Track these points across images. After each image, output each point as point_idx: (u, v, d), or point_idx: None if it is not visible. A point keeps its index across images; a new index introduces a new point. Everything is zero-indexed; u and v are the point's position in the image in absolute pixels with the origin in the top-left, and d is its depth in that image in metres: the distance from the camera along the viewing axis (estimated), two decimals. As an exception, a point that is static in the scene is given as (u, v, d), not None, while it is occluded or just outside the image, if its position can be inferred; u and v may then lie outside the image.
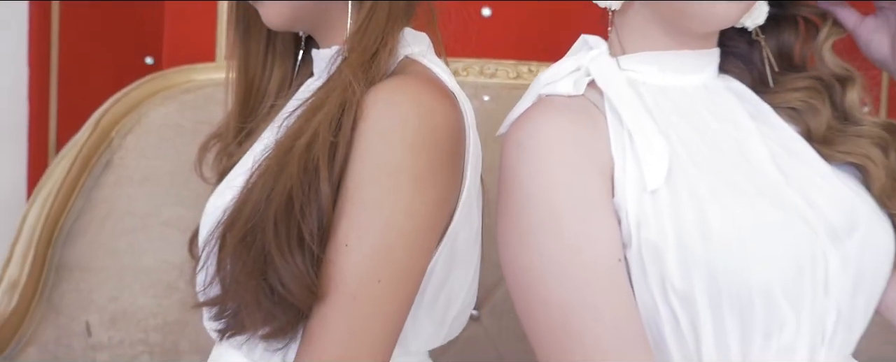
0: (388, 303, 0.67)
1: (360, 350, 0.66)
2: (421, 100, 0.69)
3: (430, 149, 0.69)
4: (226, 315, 0.68)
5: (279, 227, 0.65)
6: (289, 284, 0.65)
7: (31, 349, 1.11)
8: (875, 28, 0.77)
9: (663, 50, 0.74)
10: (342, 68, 0.72)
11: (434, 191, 0.69)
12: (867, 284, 0.71)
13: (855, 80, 0.77)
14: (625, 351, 0.66)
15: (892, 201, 0.73)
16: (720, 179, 0.70)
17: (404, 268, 0.68)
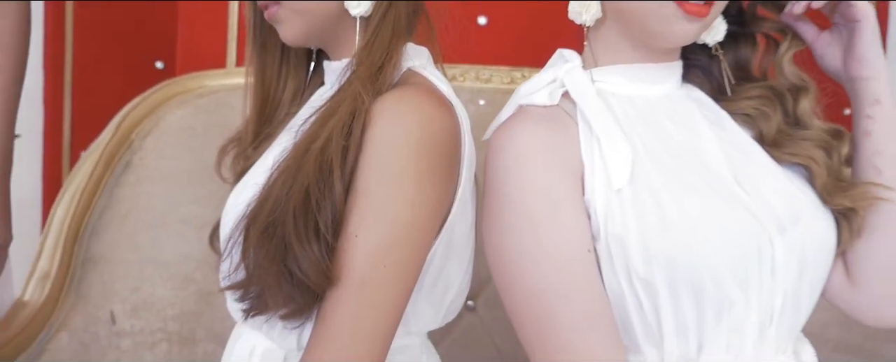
0: (392, 288, 0.75)
1: (368, 328, 0.74)
2: (422, 110, 0.77)
3: (430, 153, 0.77)
4: (250, 297, 0.77)
5: (298, 220, 0.73)
6: (306, 269, 0.73)
7: (61, 334, 1.18)
8: (829, 42, 0.86)
9: (631, 63, 0.82)
10: (352, 80, 0.80)
11: (433, 189, 0.78)
12: (811, 270, 0.80)
13: (809, 90, 0.85)
14: (595, 332, 0.75)
15: (832, 197, 0.81)
16: (677, 179, 0.78)
17: (406, 257, 0.76)
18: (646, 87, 0.83)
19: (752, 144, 0.84)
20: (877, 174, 0.82)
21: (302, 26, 0.84)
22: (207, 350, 1.28)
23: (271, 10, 0.83)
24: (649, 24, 0.78)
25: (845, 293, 0.84)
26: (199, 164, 1.34)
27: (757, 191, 0.79)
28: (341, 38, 0.86)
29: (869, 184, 0.81)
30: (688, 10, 0.75)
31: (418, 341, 0.87)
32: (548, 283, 0.75)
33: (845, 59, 0.84)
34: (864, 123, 0.82)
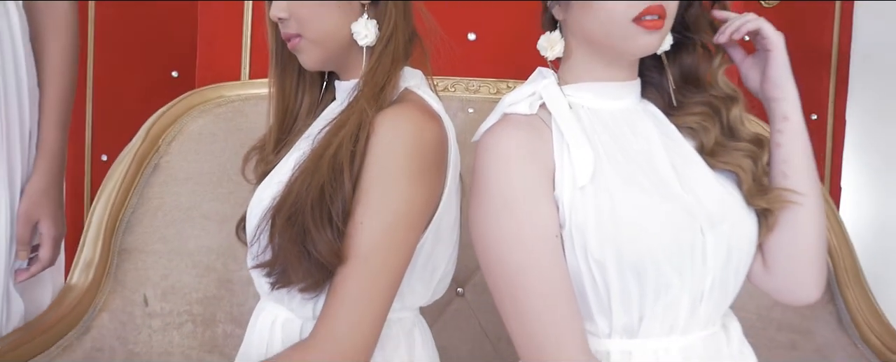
0: (390, 266, 0.92)
1: (369, 298, 0.91)
2: (415, 123, 0.95)
3: (421, 157, 0.94)
4: (275, 273, 0.94)
5: (315, 210, 0.91)
6: (321, 250, 0.90)
7: (103, 314, 1.34)
8: (752, 65, 1.03)
9: (597, 81, 0.99)
10: (359, 97, 0.97)
11: (424, 186, 0.95)
12: (736, 259, 0.96)
13: (738, 100, 1.01)
14: (559, 302, 0.92)
15: (754, 199, 0.98)
16: (630, 181, 0.94)
17: (401, 242, 0.93)
18: (610, 102, 1.00)
19: (693, 153, 1.00)
20: (784, 179, 0.98)
21: (320, 55, 1.01)
22: (227, 330, 1.43)
23: (294, 41, 1.01)
24: (617, 44, 0.95)
25: (763, 278, 1.01)
26: (219, 167, 1.51)
27: (694, 192, 0.96)
28: (351, 63, 1.04)
29: (781, 189, 0.98)
30: (646, 26, 0.92)
31: (411, 315, 1.05)
32: (523, 261, 0.92)
33: (762, 81, 1.01)
34: (776, 136, 0.99)
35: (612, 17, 0.92)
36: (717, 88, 1.02)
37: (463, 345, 1.46)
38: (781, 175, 0.99)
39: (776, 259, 0.99)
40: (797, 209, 0.98)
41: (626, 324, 0.94)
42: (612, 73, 0.99)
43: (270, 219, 0.94)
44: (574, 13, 0.95)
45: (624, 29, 0.92)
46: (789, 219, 0.98)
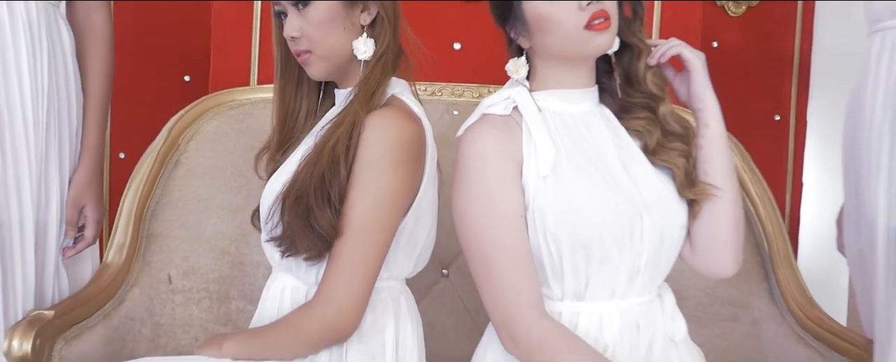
0: (377, 239, 1.13)
1: (361, 266, 1.12)
2: (397, 123, 1.16)
3: (402, 151, 1.15)
4: (284, 244, 1.15)
5: (317, 193, 1.12)
6: (322, 225, 1.11)
7: (134, 290, 1.54)
8: (680, 82, 1.23)
9: (561, 88, 1.20)
10: (353, 102, 1.19)
11: (405, 175, 1.16)
12: (668, 240, 1.17)
13: (665, 99, 1.22)
14: (522, 270, 1.12)
15: (684, 191, 1.19)
16: (583, 172, 1.15)
17: (387, 219, 1.14)
18: (571, 106, 1.21)
19: (638, 152, 1.21)
20: (705, 175, 1.19)
21: (326, 67, 1.22)
22: (239, 306, 1.63)
23: (304, 57, 1.22)
24: (578, 51, 1.15)
25: (690, 256, 1.23)
26: (232, 163, 1.71)
27: (636, 184, 1.17)
28: (349, 73, 1.25)
29: (704, 183, 1.19)
30: (596, 29, 1.13)
31: (398, 284, 1.26)
32: (493, 236, 1.13)
33: (688, 94, 1.22)
34: (699, 140, 1.20)
35: (567, 32, 1.13)
36: (648, 88, 1.22)
37: (447, 320, 1.66)
38: (703, 172, 1.20)
39: (699, 241, 1.20)
40: (716, 200, 1.18)
41: (575, 289, 1.15)
42: (573, 81, 1.20)
43: (281, 201, 1.15)
44: (537, 38, 1.16)
45: (579, 37, 1.13)
46: (710, 208, 1.19)
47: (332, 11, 1.21)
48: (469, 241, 1.15)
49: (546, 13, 1.13)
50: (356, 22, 1.23)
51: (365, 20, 1.23)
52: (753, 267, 1.61)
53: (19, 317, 1.29)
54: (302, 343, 1.16)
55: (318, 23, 1.20)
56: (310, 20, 1.20)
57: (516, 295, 1.12)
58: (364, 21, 1.23)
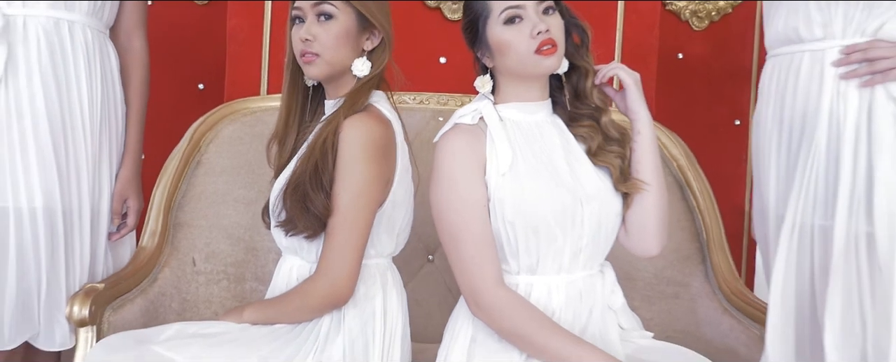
0: (359, 220, 1.41)
1: (349, 243, 1.40)
2: (367, 125, 1.43)
3: (372, 148, 1.42)
4: (288, 225, 1.43)
5: (311, 180, 1.39)
6: (317, 208, 1.39)
7: (165, 270, 1.81)
8: (620, 98, 1.51)
9: (519, 101, 1.48)
10: (339, 110, 1.46)
11: (375, 168, 1.42)
12: (605, 226, 1.45)
13: (606, 110, 1.50)
14: (483, 248, 1.40)
15: (620, 185, 1.46)
16: (535, 171, 1.43)
17: (365, 204, 1.41)
18: (528, 116, 1.49)
19: (582, 154, 1.49)
20: (637, 173, 1.47)
21: (325, 71, 1.49)
22: (252, 286, 1.91)
23: (309, 57, 1.47)
24: (529, 69, 1.43)
25: (624, 239, 1.51)
26: (245, 163, 1.98)
27: (579, 180, 1.45)
28: (341, 83, 1.52)
29: (635, 179, 1.47)
30: (545, 54, 1.41)
31: (385, 261, 1.54)
32: (462, 221, 1.41)
33: (625, 107, 1.50)
34: (633, 144, 1.47)
35: (521, 55, 1.42)
36: (595, 102, 1.50)
37: (432, 298, 1.93)
38: (635, 170, 1.48)
39: (631, 226, 1.49)
40: (645, 193, 1.47)
41: (529, 265, 1.44)
42: (529, 95, 1.48)
43: (284, 191, 1.44)
44: (498, 59, 1.45)
45: (531, 60, 1.42)
46: (640, 200, 1.47)
47: (347, 30, 1.49)
48: (442, 226, 1.44)
49: (505, 39, 1.42)
50: (360, 45, 1.51)
51: (367, 46, 1.52)
52: (693, 252, 1.90)
53: (77, 289, 1.59)
54: (308, 308, 1.45)
55: (334, 36, 1.48)
56: (328, 31, 1.48)
57: (480, 270, 1.41)
58: (366, 46, 1.51)
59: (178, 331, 1.47)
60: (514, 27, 1.41)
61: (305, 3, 1.49)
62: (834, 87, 1.33)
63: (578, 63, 1.50)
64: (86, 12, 1.59)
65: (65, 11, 1.56)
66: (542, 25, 1.40)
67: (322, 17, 1.48)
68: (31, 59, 1.52)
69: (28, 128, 1.51)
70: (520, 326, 1.40)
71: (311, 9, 1.48)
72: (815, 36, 1.38)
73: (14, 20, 1.51)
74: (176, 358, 1.35)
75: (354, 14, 1.49)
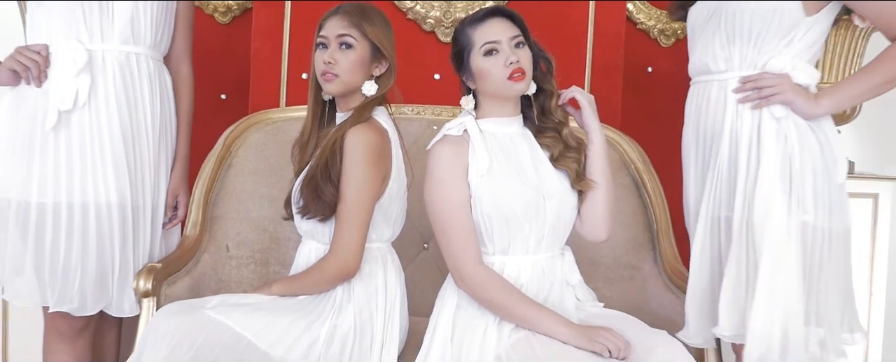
0: (361, 210, 1.79)
1: (354, 227, 1.78)
2: (366, 133, 1.81)
3: (369, 152, 1.80)
4: (304, 211, 1.82)
5: (323, 174, 1.78)
6: (327, 197, 1.78)
7: (205, 255, 2.20)
8: (580, 116, 1.91)
9: (495, 117, 1.87)
10: (347, 121, 1.85)
11: (372, 168, 1.80)
12: (563, 216, 1.84)
13: (567, 124, 1.90)
14: (465, 234, 1.79)
15: (576, 184, 1.84)
16: (507, 174, 1.81)
17: (365, 197, 1.79)
18: (503, 129, 1.88)
19: (546, 159, 1.87)
20: (590, 174, 1.86)
21: (340, 89, 1.88)
22: (275, 269, 2.30)
23: (329, 76, 1.87)
24: (503, 91, 1.82)
25: (579, 227, 1.90)
26: (269, 165, 2.37)
27: (542, 180, 1.84)
28: (351, 100, 1.91)
29: (588, 179, 1.86)
30: (515, 80, 1.80)
31: (385, 246, 1.94)
32: (449, 214, 1.80)
33: (581, 122, 1.89)
34: (588, 151, 1.86)
35: (497, 80, 1.81)
36: (558, 118, 1.91)
37: (427, 280, 2.29)
38: (589, 172, 1.88)
39: (584, 217, 1.89)
40: (596, 191, 1.87)
41: (502, 247, 1.83)
42: (503, 112, 1.87)
43: (302, 184, 1.84)
44: (478, 82, 1.85)
45: (504, 84, 1.81)
46: (592, 196, 1.88)
47: (362, 58, 1.89)
48: (434, 217, 1.85)
49: (484, 68, 1.82)
50: (371, 70, 1.91)
51: (376, 71, 1.92)
52: (645, 240, 2.32)
53: (141, 268, 2.01)
54: (324, 281, 1.85)
55: (351, 62, 1.88)
56: (347, 58, 1.87)
57: (462, 251, 1.81)
58: (375, 72, 1.92)
59: (221, 301, 1.89)
60: (491, 58, 1.82)
61: (331, 33, 1.89)
62: (734, 109, 1.76)
63: (544, 86, 1.90)
64: (148, 45, 2.01)
65: (133, 46, 1.97)
66: (514, 57, 1.81)
67: (343, 46, 1.88)
68: (108, 85, 1.94)
69: (106, 141, 1.93)
70: (495, 296, 1.80)
71: (335, 38, 1.88)
72: (720, 69, 1.80)
73: (95, 54, 1.93)
74: (225, 320, 1.77)
75: (369, 45, 1.90)
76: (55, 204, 1.91)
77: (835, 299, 1.73)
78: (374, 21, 1.91)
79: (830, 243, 1.70)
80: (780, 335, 1.68)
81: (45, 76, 1.92)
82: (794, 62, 1.72)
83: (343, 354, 1.82)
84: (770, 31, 1.71)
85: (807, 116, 1.71)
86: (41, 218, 1.91)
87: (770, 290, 1.67)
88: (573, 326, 1.76)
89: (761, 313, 1.67)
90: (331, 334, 1.81)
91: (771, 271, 1.68)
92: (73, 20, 1.92)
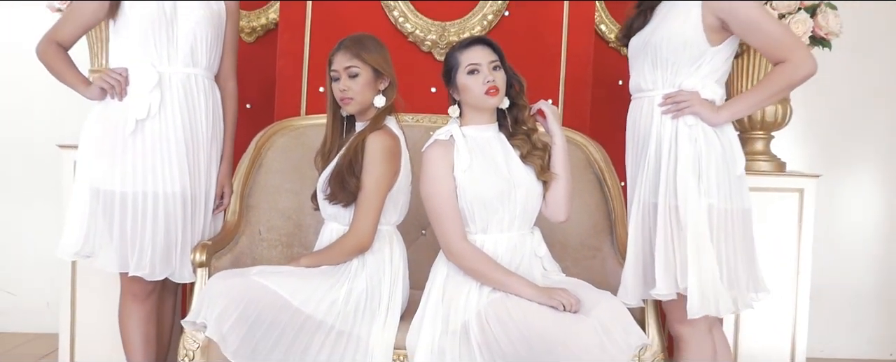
0: (376, 198, 2.37)
1: (370, 212, 2.36)
2: (383, 138, 2.39)
3: (386, 153, 2.38)
4: (331, 198, 2.38)
5: (347, 169, 2.36)
6: (350, 187, 2.35)
7: (243, 237, 2.75)
8: (546, 124, 2.52)
9: (475, 124, 2.45)
10: (366, 128, 2.43)
11: (388, 165, 2.39)
12: (530, 202, 2.40)
13: (536, 130, 2.51)
14: (452, 217, 2.35)
15: (541, 176, 2.41)
16: (484, 169, 2.37)
17: (380, 188, 2.37)
18: (481, 133, 2.45)
19: (516, 157, 2.43)
20: (553, 168, 2.43)
21: (357, 107, 2.45)
22: (298, 250, 2.84)
23: (346, 101, 2.45)
24: (482, 104, 2.38)
25: (544, 210, 2.46)
26: (292, 165, 2.93)
27: (513, 173, 2.40)
28: (367, 112, 2.49)
29: (551, 172, 2.44)
30: (490, 94, 2.36)
31: (391, 228, 2.50)
32: (440, 202, 2.36)
33: (547, 128, 2.48)
34: (551, 150, 2.43)
35: (476, 95, 2.38)
36: (528, 126, 2.52)
37: (424, 260, 2.75)
38: (552, 166, 2.48)
39: (548, 201, 2.45)
40: (557, 181, 2.44)
41: (482, 227, 2.40)
42: (482, 120, 2.44)
43: (330, 176, 2.41)
44: (463, 95, 2.42)
45: (481, 98, 2.37)
46: (554, 185, 2.44)
47: (367, 81, 2.46)
48: (428, 205, 2.41)
49: (466, 83, 2.39)
50: (377, 87, 2.48)
51: (381, 87, 2.48)
52: (605, 227, 2.91)
53: (196, 244, 2.60)
54: (344, 253, 2.42)
55: (360, 86, 2.45)
56: (356, 83, 2.45)
57: (450, 230, 2.38)
58: (381, 87, 2.49)
59: (261, 270, 2.48)
60: (473, 76, 2.40)
61: (339, 66, 2.47)
62: (659, 119, 2.35)
63: (517, 102, 2.48)
64: (203, 67, 2.59)
65: (192, 68, 2.55)
66: (490, 77, 2.41)
67: (351, 75, 2.50)
68: (173, 100, 2.51)
69: (172, 143, 2.50)
70: (476, 266, 2.36)
71: (343, 70, 2.46)
72: (648, 87, 2.40)
73: (163, 75, 2.50)
74: (266, 282, 2.37)
75: (371, 69, 2.49)
76: (133, 192, 2.50)
77: (741, 265, 2.34)
78: (370, 49, 2.49)
79: (732, 221, 2.30)
80: (710, 291, 2.27)
81: (125, 92, 2.51)
82: (702, 82, 2.32)
83: (357, 311, 2.42)
84: (683, 60, 2.32)
85: (712, 124, 2.32)
86: (123, 203, 2.49)
87: (697, 258, 2.28)
88: (536, 287, 2.35)
89: (693, 276, 2.27)
90: (348, 295, 2.40)
91: (695, 244, 2.28)
92: (147, 48, 2.50)
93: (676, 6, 2.32)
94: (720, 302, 2.25)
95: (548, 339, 2.18)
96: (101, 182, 2.50)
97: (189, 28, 2.53)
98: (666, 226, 2.28)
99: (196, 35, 2.55)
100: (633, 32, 2.45)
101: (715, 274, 2.25)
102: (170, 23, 2.50)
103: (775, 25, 2.27)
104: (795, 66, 2.23)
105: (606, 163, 2.99)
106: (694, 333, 2.37)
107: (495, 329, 2.28)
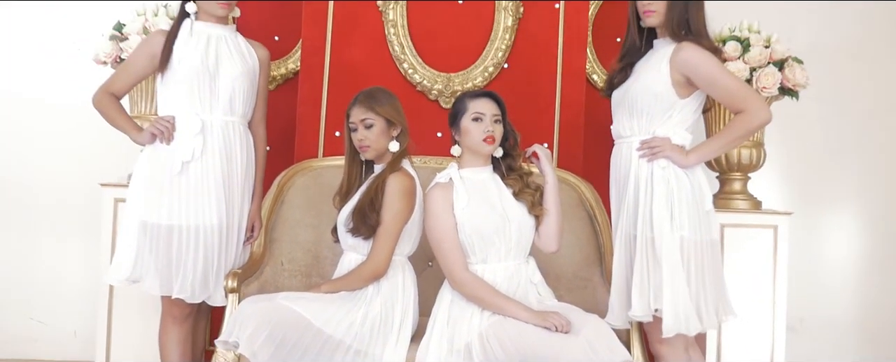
0: (393, 232, 2.73)
1: (387, 244, 2.72)
2: (401, 180, 2.76)
3: (403, 192, 2.75)
4: (354, 230, 2.75)
5: (368, 206, 2.72)
6: (371, 222, 2.71)
7: (267, 267, 3.10)
8: (538, 165, 2.96)
9: (473, 167, 2.82)
10: (385, 170, 2.82)
11: (405, 203, 2.76)
12: (523, 235, 2.75)
13: (531, 174, 2.96)
14: (454, 250, 2.70)
15: (533, 211, 2.77)
16: (481, 206, 2.74)
17: (397, 223, 2.74)
18: (478, 175, 2.82)
19: (509, 195, 2.80)
20: (545, 204, 2.80)
21: (374, 153, 2.83)
22: (316, 280, 3.18)
23: (364, 148, 2.83)
24: (478, 149, 2.76)
25: (537, 241, 2.81)
26: (311, 202, 3.29)
27: (506, 210, 2.76)
28: (383, 157, 2.86)
29: (541, 207, 2.81)
30: (488, 142, 2.74)
31: (404, 259, 2.85)
32: (442, 237, 2.73)
33: (540, 168, 2.87)
34: (543, 189, 2.83)
35: (475, 140, 2.76)
36: (521, 172, 2.89)
37: (431, 289, 3.09)
38: (544, 201, 2.88)
39: (540, 233, 2.81)
40: (548, 216, 2.80)
41: (481, 258, 2.75)
42: (477, 163, 2.81)
43: (353, 211, 2.78)
44: (463, 138, 2.80)
45: (479, 144, 2.76)
46: (545, 220, 2.80)
47: (382, 130, 2.83)
48: (432, 240, 2.76)
49: (469, 128, 2.76)
50: (391, 134, 2.85)
51: (394, 133, 2.85)
52: (595, 259, 3.30)
53: (228, 271, 2.97)
54: (361, 280, 2.77)
55: (376, 135, 2.83)
56: (372, 133, 2.82)
57: (453, 262, 2.73)
58: (394, 134, 2.86)
59: (287, 295, 2.85)
60: (476, 123, 2.79)
61: (356, 119, 2.85)
62: (637, 161, 2.72)
63: (511, 153, 2.86)
64: (240, 115, 2.96)
65: (230, 116, 2.93)
66: (491, 128, 2.79)
67: (367, 127, 2.87)
68: (214, 145, 2.88)
69: (211, 182, 2.87)
70: (477, 293, 2.72)
71: (360, 122, 2.84)
72: (627, 134, 2.79)
73: (205, 122, 2.87)
74: (292, 306, 2.74)
75: (384, 120, 2.86)
76: (178, 225, 2.86)
77: (710, 289, 2.72)
78: (382, 101, 2.88)
79: (702, 251, 2.69)
80: (682, 312, 2.65)
81: (173, 137, 2.92)
82: (674, 130, 2.72)
83: (373, 332, 2.79)
84: (656, 110, 2.72)
85: (682, 166, 2.71)
86: (168, 234, 2.86)
87: (671, 283, 2.67)
88: (532, 311, 2.72)
89: (668, 299, 2.66)
90: (364, 317, 2.76)
91: (669, 271, 2.68)
92: (192, 99, 2.89)
93: (650, 64, 2.75)
94: (690, 321, 2.64)
95: (541, 355, 2.54)
96: (149, 215, 2.89)
97: (229, 81, 2.93)
98: (643, 255, 2.67)
99: (235, 87, 2.95)
100: (615, 86, 2.87)
101: (686, 297, 2.63)
102: (212, 77, 2.90)
103: (732, 80, 2.69)
104: (751, 114, 2.65)
105: (597, 202, 3.37)
106: (672, 352, 2.75)
107: (495, 348, 2.64)
